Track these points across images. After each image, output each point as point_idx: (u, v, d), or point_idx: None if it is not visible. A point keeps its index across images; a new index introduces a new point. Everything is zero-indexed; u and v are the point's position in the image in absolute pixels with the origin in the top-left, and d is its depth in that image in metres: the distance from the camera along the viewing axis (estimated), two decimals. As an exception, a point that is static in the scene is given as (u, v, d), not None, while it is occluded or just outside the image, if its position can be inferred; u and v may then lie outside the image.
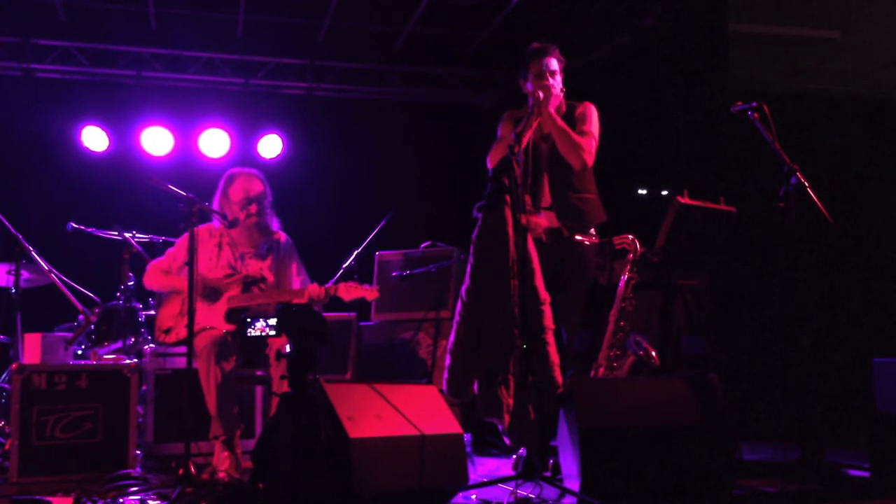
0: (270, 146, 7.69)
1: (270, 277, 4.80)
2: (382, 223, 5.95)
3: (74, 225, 5.53)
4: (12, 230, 5.12)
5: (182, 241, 4.84)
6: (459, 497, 3.65)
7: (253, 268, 4.78)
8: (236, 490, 3.93)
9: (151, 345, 5.06)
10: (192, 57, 7.53)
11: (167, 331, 4.67)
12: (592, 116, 4.60)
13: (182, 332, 4.58)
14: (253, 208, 4.79)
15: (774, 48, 6.71)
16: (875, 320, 6.00)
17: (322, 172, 7.83)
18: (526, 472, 3.71)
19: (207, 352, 4.37)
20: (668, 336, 4.55)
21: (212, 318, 4.61)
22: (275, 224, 4.95)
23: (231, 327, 4.56)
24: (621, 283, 4.39)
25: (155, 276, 4.80)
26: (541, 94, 4.42)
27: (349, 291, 4.59)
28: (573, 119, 4.55)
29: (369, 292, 4.63)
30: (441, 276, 5.78)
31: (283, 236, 4.94)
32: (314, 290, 4.58)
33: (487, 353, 4.15)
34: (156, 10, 6.96)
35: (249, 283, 4.72)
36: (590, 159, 4.51)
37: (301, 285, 4.83)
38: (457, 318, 4.31)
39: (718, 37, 6.20)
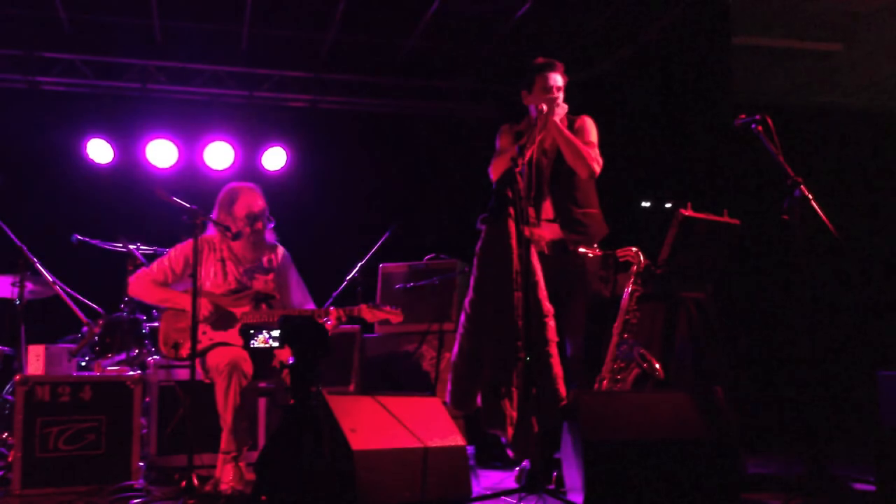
0: (274, 159, 7.70)
1: (275, 293, 4.78)
2: (385, 236, 5.96)
3: (79, 237, 5.54)
4: (17, 242, 5.13)
5: (178, 252, 4.75)
6: (463, 510, 3.63)
7: (259, 283, 4.77)
8: (239, 502, 3.93)
9: (155, 356, 5.05)
10: (197, 69, 7.56)
11: (175, 346, 4.55)
12: (591, 129, 4.62)
13: (201, 343, 4.50)
14: (258, 225, 4.74)
15: (777, 61, 6.73)
16: (880, 333, 5.99)
17: (326, 185, 7.84)
18: (529, 485, 3.70)
19: (229, 369, 4.28)
20: (672, 348, 4.54)
21: (226, 335, 4.55)
22: (271, 237, 4.92)
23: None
24: (625, 296, 4.39)
25: (146, 286, 4.67)
26: (545, 107, 4.43)
27: (374, 314, 4.56)
28: (572, 132, 4.56)
29: (394, 315, 4.60)
30: (445, 288, 5.78)
31: (280, 249, 4.90)
32: (335, 311, 4.54)
33: (491, 366, 4.15)
34: (161, 22, 6.99)
35: (260, 299, 4.71)
36: (597, 167, 4.52)
37: (301, 298, 4.81)
38: (460, 330, 4.31)
39: (722, 49, 6.21)
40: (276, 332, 3.76)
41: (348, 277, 5.96)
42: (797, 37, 6.59)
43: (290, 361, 3.50)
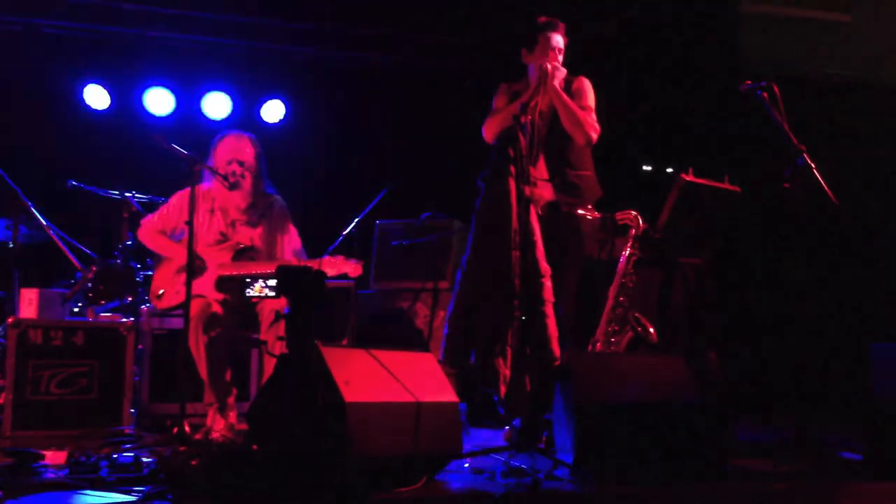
0: (273, 111, 7.62)
1: (261, 245, 4.74)
2: (382, 193, 5.92)
3: (74, 182, 5.50)
4: (12, 184, 5.08)
5: (175, 201, 4.76)
6: (453, 465, 3.65)
7: (243, 235, 4.73)
8: (230, 450, 3.94)
9: (148, 304, 5.04)
10: (197, 17, 7.44)
11: (159, 296, 4.62)
12: (589, 91, 4.57)
13: (173, 299, 4.56)
14: (235, 169, 4.67)
15: (785, 30, 6.66)
16: (874, 304, 6.01)
17: (325, 139, 7.76)
18: (520, 444, 3.71)
19: (195, 322, 4.31)
20: (668, 313, 4.54)
21: (200, 286, 4.53)
22: (269, 189, 4.88)
23: (220, 296, 4.50)
24: (622, 259, 4.38)
25: (151, 234, 4.74)
26: (548, 68, 4.38)
27: (333, 266, 4.49)
28: (570, 94, 4.51)
29: (353, 268, 4.55)
30: (441, 246, 5.77)
31: (277, 201, 4.86)
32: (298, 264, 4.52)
33: (486, 324, 4.15)
34: (162, -33, 6.89)
35: (240, 252, 4.68)
36: (594, 134, 4.48)
37: (292, 253, 4.78)
38: (457, 287, 4.30)
39: (729, 15, 6.15)
40: (272, 282, 3.75)
41: (344, 233, 5.93)
42: (806, 6, 6.52)
43: (286, 311, 3.49)
